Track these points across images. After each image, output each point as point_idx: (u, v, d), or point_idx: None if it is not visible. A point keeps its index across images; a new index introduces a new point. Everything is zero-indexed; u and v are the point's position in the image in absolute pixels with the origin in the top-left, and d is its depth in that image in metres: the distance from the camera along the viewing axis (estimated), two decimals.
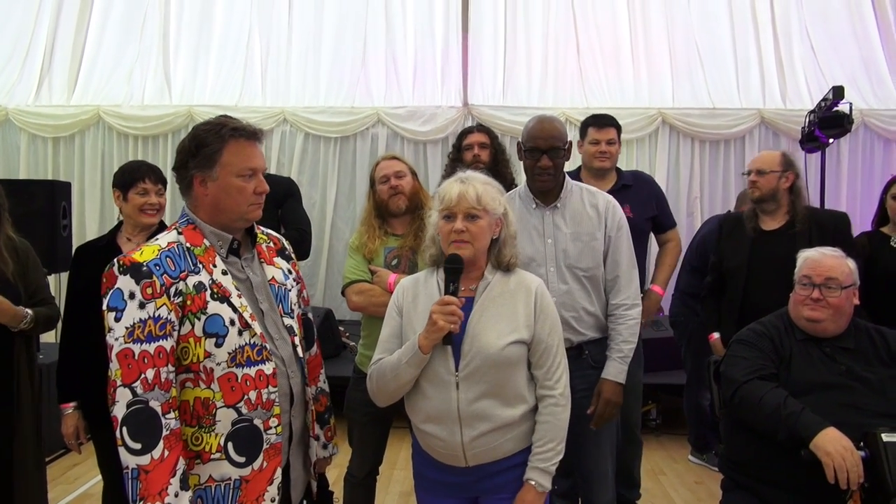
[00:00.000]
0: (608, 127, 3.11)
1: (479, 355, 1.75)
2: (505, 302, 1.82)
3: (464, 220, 1.77)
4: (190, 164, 1.57)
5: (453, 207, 1.78)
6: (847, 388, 2.03)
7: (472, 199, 1.77)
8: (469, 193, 1.78)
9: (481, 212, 1.78)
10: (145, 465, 1.41)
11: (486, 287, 1.83)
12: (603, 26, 5.71)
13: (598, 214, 2.31)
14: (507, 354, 1.76)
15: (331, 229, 5.62)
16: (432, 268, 1.91)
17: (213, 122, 1.61)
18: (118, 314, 1.46)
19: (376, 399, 1.89)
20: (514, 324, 1.79)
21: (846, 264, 2.18)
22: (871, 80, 5.61)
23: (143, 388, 1.43)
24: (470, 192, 1.78)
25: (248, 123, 1.62)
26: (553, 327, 1.84)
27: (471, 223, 1.78)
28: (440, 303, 1.72)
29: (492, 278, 1.85)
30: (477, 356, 1.75)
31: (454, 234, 1.78)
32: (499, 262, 1.86)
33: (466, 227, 1.77)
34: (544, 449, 1.79)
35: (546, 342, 1.82)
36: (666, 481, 3.83)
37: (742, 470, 2.14)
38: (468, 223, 1.78)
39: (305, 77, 5.78)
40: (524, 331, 1.79)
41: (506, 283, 1.85)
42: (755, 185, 2.91)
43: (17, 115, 5.74)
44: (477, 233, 1.78)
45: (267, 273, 1.71)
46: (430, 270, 1.92)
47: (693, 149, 5.59)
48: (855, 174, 5.51)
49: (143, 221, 2.45)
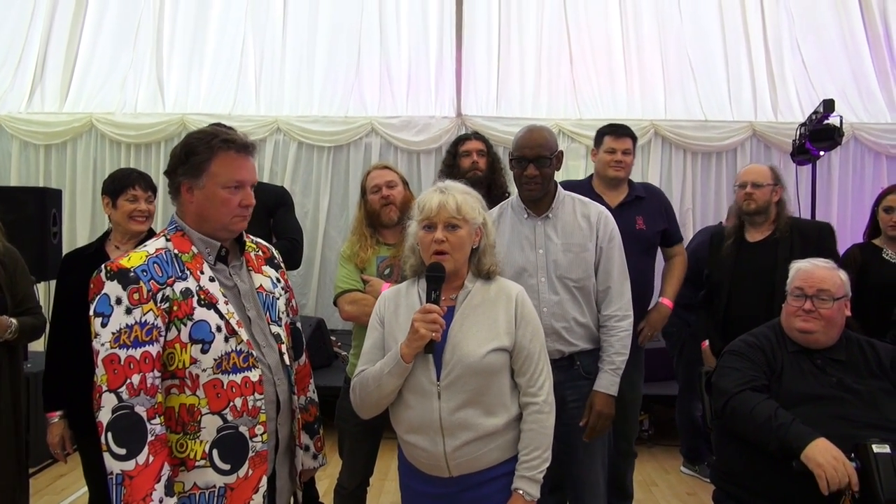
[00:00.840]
0: (625, 137, 3.11)
1: (461, 364, 1.74)
2: (486, 310, 1.81)
3: (444, 230, 1.77)
4: (179, 170, 1.58)
5: (433, 217, 1.78)
6: (838, 400, 2.03)
7: (453, 209, 1.77)
8: (449, 203, 1.78)
9: (461, 221, 1.79)
10: (130, 470, 1.40)
11: (467, 296, 1.83)
12: (596, 38, 5.75)
13: (590, 225, 2.31)
14: (488, 362, 1.75)
15: (323, 239, 5.61)
16: (413, 278, 1.90)
17: (206, 130, 1.62)
18: (104, 320, 1.46)
19: (360, 411, 1.87)
20: (494, 331, 1.78)
21: (838, 276, 2.19)
22: (862, 94, 5.67)
23: (129, 394, 1.43)
24: (450, 202, 1.78)
25: (241, 135, 1.63)
26: (535, 334, 1.83)
27: (451, 233, 1.78)
28: (422, 311, 1.71)
29: (472, 287, 1.84)
30: (458, 365, 1.74)
31: (435, 244, 1.77)
32: (479, 270, 1.86)
33: (447, 237, 1.77)
34: (531, 457, 1.78)
35: (528, 349, 1.81)
36: (658, 492, 3.82)
37: (734, 481, 2.13)
38: (448, 233, 1.77)
39: (299, 86, 5.79)
40: (505, 338, 1.79)
41: (486, 291, 1.84)
42: (751, 197, 2.94)
43: (9, 121, 5.71)
44: (457, 243, 1.78)
45: (255, 281, 1.70)
46: (411, 281, 1.91)
47: (685, 161, 5.62)
48: (846, 187, 5.56)
49: (133, 229, 2.44)
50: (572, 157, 5.47)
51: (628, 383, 2.39)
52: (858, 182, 5.57)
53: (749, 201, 2.94)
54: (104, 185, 2.49)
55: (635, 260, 2.60)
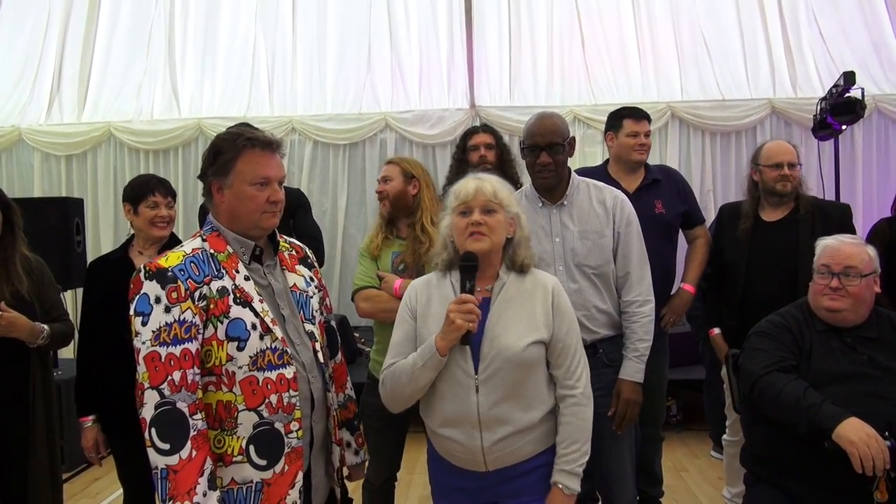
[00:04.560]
0: (644, 119, 3.07)
1: (500, 357, 1.72)
2: (522, 302, 1.79)
3: (481, 214, 1.76)
4: (209, 171, 1.63)
5: (470, 202, 1.77)
6: (870, 378, 1.99)
7: (490, 193, 1.77)
8: (486, 188, 1.78)
9: (497, 206, 1.78)
10: (174, 465, 1.43)
11: (502, 287, 1.81)
12: (607, 21, 5.68)
13: (606, 211, 2.29)
14: (527, 355, 1.73)
15: (343, 236, 5.62)
16: (444, 270, 1.88)
17: (231, 131, 1.67)
18: (145, 318, 1.49)
19: (390, 405, 1.86)
20: (533, 324, 1.77)
21: (866, 251, 2.14)
22: (883, 64, 5.52)
23: (171, 390, 1.46)
24: (486, 187, 1.78)
25: (265, 133, 1.66)
26: (571, 325, 1.82)
27: (488, 216, 1.76)
28: (457, 301, 1.69)
29: (507, 279, 1.83)
30: (497, 358, 1.72)
31: (472, 226, 1.75)
32: (513, 262, 1.84)
33: (484, 219, 1.75)
34: (570, 450, 1.77)
35: (564, 341, 1.80)
36: (689, 477, 3.79)
37: (765, 464, 2.10)
38: (486, 216, 1.76)
39: (312, 85, 5.80)
40: (543, 330, 1.77)
41: (521, 283, 1.82)
42: (787, 178, 2.81)
43: (30, 134, 5.81)
44: (494, 225, 1.76)
45: (289, 280, 1.73)
46: (442, 272, 1.89)
47: (704, 142, 5.54)
48: (870, 161, 5.43)
49: (154, 234, 2.47)
50: (589, 143, 5.41)
51: (652, 367, 2.36)
52: (883, 155, 5.44)
53: (785, 182, 2.82)
54: (125, 193, 2.52)
55: (655, 245, 2.57)
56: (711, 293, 3.05)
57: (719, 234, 3.03)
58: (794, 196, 2.85)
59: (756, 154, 2.95)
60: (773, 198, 2.86)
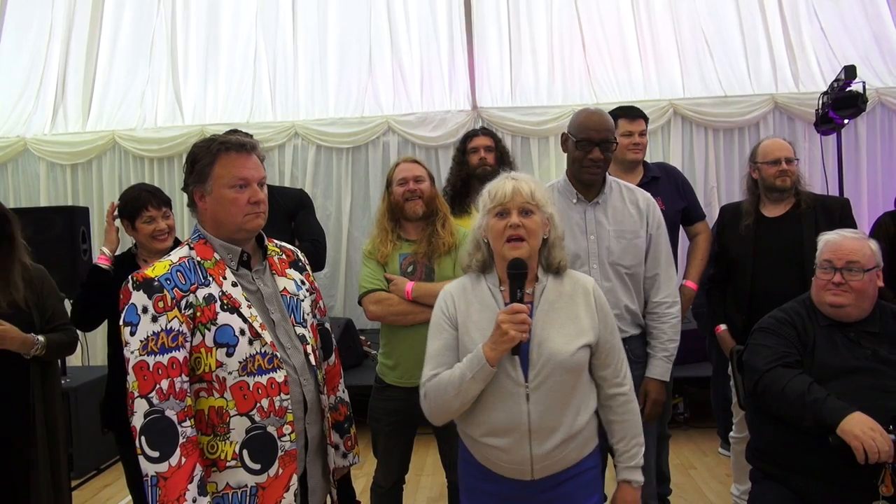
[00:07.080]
0: (639, 118, 3.08)
1: (550, 362, 1.68)
2: (565, 305, 1.76)
3: (518, 216, 1.72)
4: (189, 180, 1.65)
5: (507, 203, 1.72)
6: (874, 372, 1.98)
7: (527, 194, 1.73)
8: (523, 188, 1.73)
9: (535, 207, 1.73)
10: (163, 472, 1.45)
11: (543, 290, 1.77)
12: (607, 20, 5.67)
13: (640, 212, 2.31)
14: (577, 360, 1.71)
15: (347, 240, 5.63)
16: (477, 273, 1.83)
17: (206, 138, 1.69)
18: (133, 328, 1.51)
19: (435, 418, 1.78)
20: (579, 327, 1.74)
21: (868, 246, 2.13)
22: (885, 57, 5.50)
23: (159, 399, 1.47)
24: (524, 188, 1.74)
25: (239, 137, 1.67)
26: (613, 325, 1.82)
27: (526, 218, 1.72)
28: (509, 311, 1.62)
29: (546, 281, 1.79)
30: (548, 364, 1.68)
31: (510, 228, 1.71)
32: (549, 264, 1.80)
33: (522, 222, 1.71)
34: (630, 446, 1.79)
35: (610, 342, 1.79)
36: (696, 475, 3.78)
37: (770, 459, 2.10)
38: (523, 218, 1.72)
39: (313, 90, 5.82)
40: (590, 333, 1.75)
41: (561, 286, 1.79)
42: (786, 173, 2.84)
43: (35, 144, 5.85)
44: (533, 229, 1.72)
45: (279, 284, 1.73)
46: (475, 276, 1.83)
47: (707, 138, 5.53)
48: (874, 154, 5.39)
49: (157, 248, 2.49)
50: None
51: None
52: (887, 148, 5.41)
53: (784, 177, 2.84)
54: (119, 209, 2.53)
55: None
56: (715, 292, 3.06)
57: (722, 234, 3.03)
58: (795, 192, 2.86)
59: (753, 153, 2.97)
60: (773, 194, 2.87)
